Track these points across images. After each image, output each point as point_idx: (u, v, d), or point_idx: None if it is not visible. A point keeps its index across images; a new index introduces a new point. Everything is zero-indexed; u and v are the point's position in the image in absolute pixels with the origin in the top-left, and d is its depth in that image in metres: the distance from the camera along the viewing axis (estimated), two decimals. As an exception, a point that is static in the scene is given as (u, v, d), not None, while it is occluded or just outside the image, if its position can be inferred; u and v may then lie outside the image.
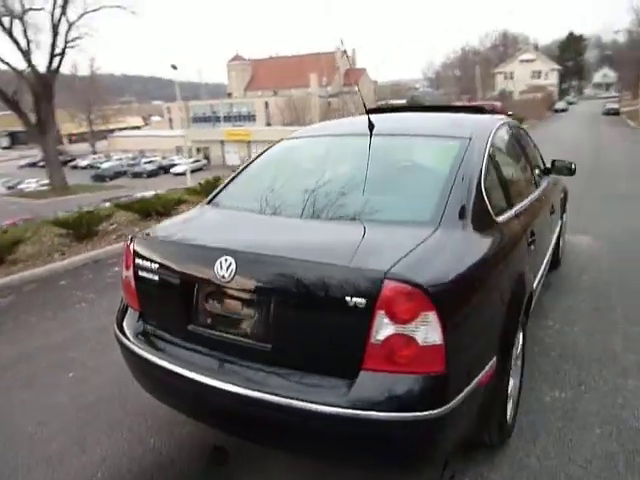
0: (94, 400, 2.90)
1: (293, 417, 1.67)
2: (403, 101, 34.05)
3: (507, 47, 70.10)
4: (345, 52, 71.99)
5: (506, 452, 2.33)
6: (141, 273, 2.14)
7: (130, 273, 2.20)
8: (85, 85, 54.39)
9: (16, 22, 28.67)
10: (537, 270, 2.86)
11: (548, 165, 3.87)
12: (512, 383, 2.37)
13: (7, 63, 29.16)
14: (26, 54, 29.48)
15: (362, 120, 2.36)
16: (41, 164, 40.27)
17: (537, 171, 3.49)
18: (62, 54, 30.47)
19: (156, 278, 2.08)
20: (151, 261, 2.09)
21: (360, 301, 1.59)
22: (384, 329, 1.59)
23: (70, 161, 52.63)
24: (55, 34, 29.65)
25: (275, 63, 72.72)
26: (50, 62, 29.94)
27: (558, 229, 4.06)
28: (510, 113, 16.29)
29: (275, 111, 54.91)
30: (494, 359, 1.90)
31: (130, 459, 2.41)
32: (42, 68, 29.90)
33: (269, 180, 2.58)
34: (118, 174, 44.24)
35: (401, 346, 1.59)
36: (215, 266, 1.83)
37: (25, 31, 29.36)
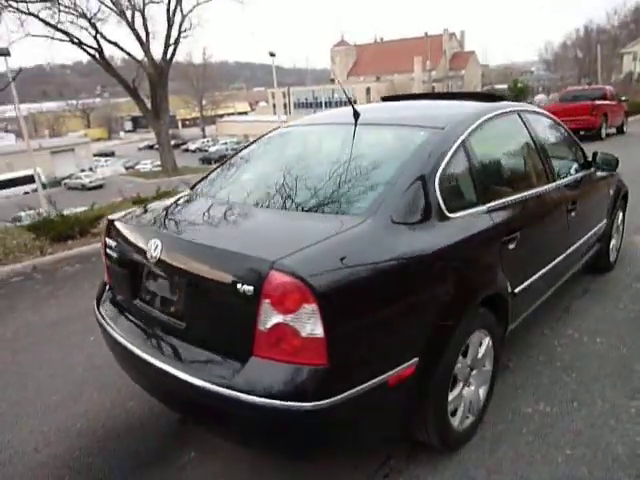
0: (100, 362, 3.22)
1: (195, 393, 1.76)
2: (505, 86, 32.00)
3: (640, 24, 62.40)
4: (453, 35, 69.03)
5: (454, 459, 2.23)
6: (108, 251, 2.35)
7: (104, 250, 2.43)
8: (198, 73, 57.99)
9: (137, 15, 31.20)
10: (529, 271, 2.63)
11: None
12: (470, 389, 2.26)
13: (129, 53, 32.00)
14: (144, 44, 32.09)
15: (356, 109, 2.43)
16: (157, 147, 43.94)
17: (560, 164, 3.19)
18: (176, 44, 32.72)
19: (116, 255, 2.28)
20: (114, 240, 2.29)
21: (249, 289, 1.63)
22: (270, 318, 1.62)
23: (182, 144, 56.76)
24: (170, 25, 31.89)
25: (379, 48, 71.84)
26: (165, 52, 32.31)
27: (596, 229, 3.65)
28: (623, 99, 14.56)
29: (376, 97, 54.43)
30: (414, 360, 1.83)
31: (107, 416, 2.67)
32: (158, 57, 32.36)
33: (241, 168, 2.67)
34: (223, 157, 46.87)
35: (285, 336, 1.61)
36: (148, 247, 1.97)
37: (145, 23, 31.97)
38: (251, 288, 1.63)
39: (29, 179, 33.92)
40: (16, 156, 32.65)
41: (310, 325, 1.58)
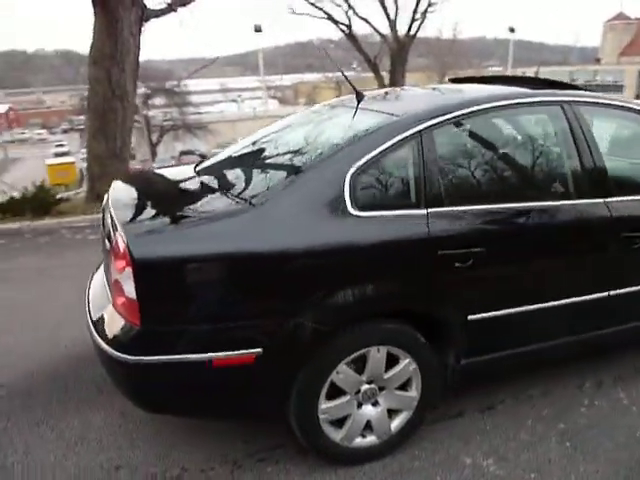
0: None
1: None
2: None
3: None
4: None
5: (338, 473, 2.08)
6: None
7: None
8: (445, 48, 56.89)
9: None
10: (505, 301, 2.13)
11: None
12: (375, 409, 2.09)
13: (376, 29, 33.38)
14: (391, 20, 32.98)
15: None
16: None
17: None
18: (422, 19, 32.75)
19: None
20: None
21: (109, 245, 1.86)
22: (114, 273, 1.83)
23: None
24: (418, 1, 32.03)
25: (672, 22, 58.69)
26: (410, 27, 32.69)
27: None
28: None
29: (651, 82, 45.24)
30: (254, 350, 1.77)
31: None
32: (402, 33, 32.96)
33: (238, 145, 2.76)
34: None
35: (119, 291, 1.80)
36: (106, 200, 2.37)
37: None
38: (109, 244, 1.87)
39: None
40: (273, 120, 38.22)
41: (129, 287, 1.72)
